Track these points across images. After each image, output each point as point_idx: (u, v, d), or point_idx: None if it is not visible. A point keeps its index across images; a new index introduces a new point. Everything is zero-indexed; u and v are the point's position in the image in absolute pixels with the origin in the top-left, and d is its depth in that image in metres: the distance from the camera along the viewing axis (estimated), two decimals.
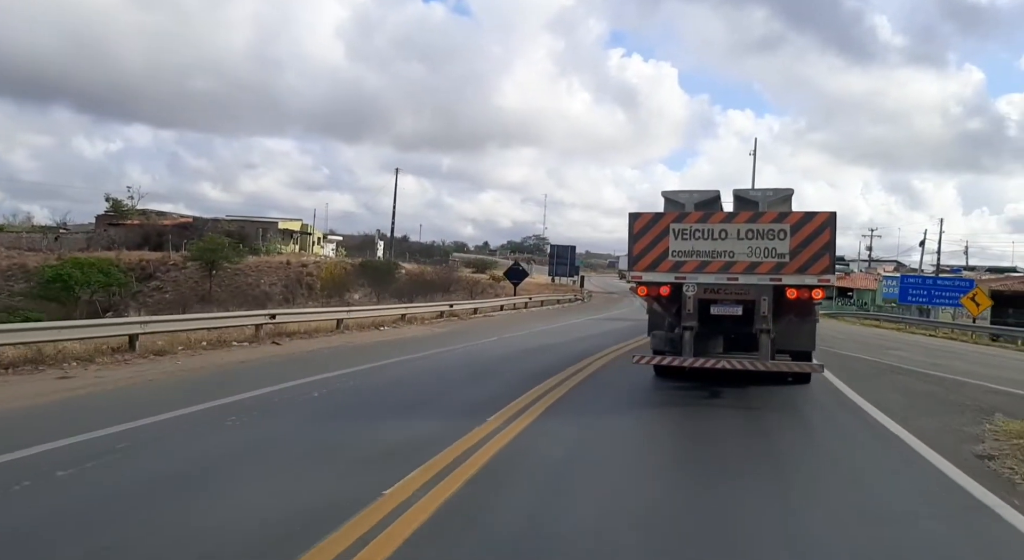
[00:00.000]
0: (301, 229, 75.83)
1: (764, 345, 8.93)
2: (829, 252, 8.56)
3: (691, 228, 8.95)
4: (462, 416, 7.37)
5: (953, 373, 14.36)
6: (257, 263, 54.76)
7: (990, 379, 13.54)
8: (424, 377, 11.04)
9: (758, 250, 8.69)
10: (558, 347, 16.34)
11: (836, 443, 7.52)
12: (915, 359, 17.29)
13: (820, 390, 10.80)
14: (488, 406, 7.96)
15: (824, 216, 8.62)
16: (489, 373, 11.25)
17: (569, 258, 61.26)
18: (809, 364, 9.80)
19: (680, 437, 7.56)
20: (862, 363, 15.63)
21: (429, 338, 17.56)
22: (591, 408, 8.65)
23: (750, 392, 9.97)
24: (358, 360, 12.21)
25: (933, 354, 19.89)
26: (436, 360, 13.19)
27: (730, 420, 8.27)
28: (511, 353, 14.51)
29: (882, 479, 6.08)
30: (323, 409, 7.98)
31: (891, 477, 6.17)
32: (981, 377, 13.83)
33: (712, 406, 9.18)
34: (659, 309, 9.93)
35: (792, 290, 8.63)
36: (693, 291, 8.92)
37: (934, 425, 8.28)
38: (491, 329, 20.83)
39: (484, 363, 12.74)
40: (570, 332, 21.33)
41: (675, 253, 8.96)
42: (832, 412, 9.18)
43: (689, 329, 9.04)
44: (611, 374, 11.81)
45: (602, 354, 14.78)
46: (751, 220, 8.85)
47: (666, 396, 9.85)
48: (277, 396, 8.46)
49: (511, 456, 5.97)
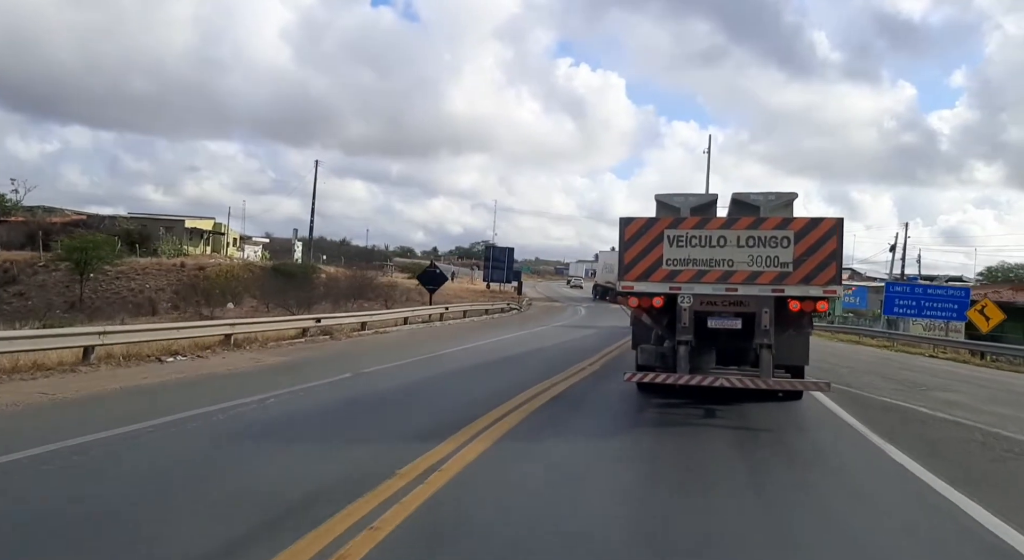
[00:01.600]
0: (213, 229, 68.03)
1: (765, 361, 8.35)
2: (835, 261, 8.12)
3: (687, 234, 8.49)
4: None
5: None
6: (146, 265, 47.22)
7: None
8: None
9: (759, 259, 8.26)
10: (436, 396, 9.99)
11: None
12: (1002, 414, 11.26)
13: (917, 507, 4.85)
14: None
15: (830, 222, 8.17)
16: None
17: (507, 261, 54.52)
18: (815, 382, 8.93)
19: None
20: (929, 423, 9.63)
21: (212, 383, 10.89)
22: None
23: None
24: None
25: (996, 393, 14.05)
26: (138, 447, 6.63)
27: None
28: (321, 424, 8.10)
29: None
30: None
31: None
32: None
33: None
34: (649, 321, 9.36)
35: (795, 302, 8.15)
36: (689, 303, 8.38)
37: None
38: (359, 357, 14.42)
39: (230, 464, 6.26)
40: (479, 362, 14.97)
41: (670, 261, 8.51)
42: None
43: (685, 344, 8.49)
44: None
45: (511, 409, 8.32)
46: (752, 226, 8.38)
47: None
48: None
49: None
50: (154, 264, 47.87)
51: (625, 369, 10.10)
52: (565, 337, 22.66)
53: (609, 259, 57.79)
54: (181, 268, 47.44)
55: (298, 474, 5.52)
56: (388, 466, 5.60)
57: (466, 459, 6.07)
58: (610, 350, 18.04)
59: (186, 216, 65.93)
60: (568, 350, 17.78)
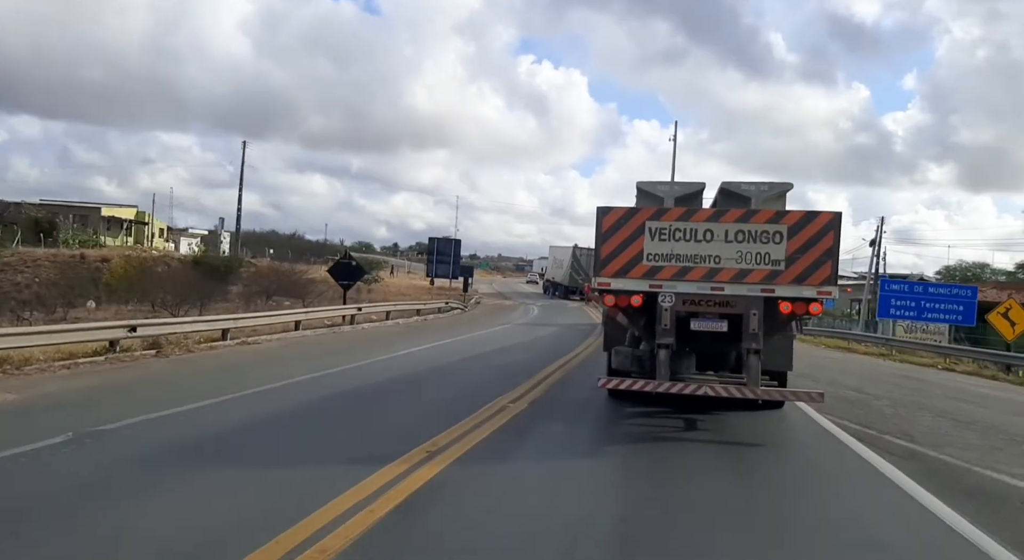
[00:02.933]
0: (136, 218, 61.80)
1: (753, 368, 7.74)
2: (831, 260, 7.53)
3: (670, 227, 7.82)
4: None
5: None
6: (39, 257, 41.22)
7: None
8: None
9: (749, 255, 7.65)
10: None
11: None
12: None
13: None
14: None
15: (827, 217, 7.60)
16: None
17: (452, 254, 48.87)
18: (807, 392, 8.25)
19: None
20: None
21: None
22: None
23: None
24: None
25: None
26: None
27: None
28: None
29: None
30: None
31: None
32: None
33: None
34: (625, 322, 8.92)
35: (786, 303, 7.56)
36: (671, 302, 7.80)
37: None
38: (144, 396, 9.27)
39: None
40: (314, 405, 9.97)
41: (650, 256, 7.86)
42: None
43: (665, 347, 7.89)
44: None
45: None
46: (742, 219, 7.73)
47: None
48: None
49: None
50: (50, 256, 41.92)
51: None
52: (508, 342, 17.76)
53: (559, 255, 56.87)
54: (81, 260, 41.55)
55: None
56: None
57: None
58: (556, 367, 13.22)
59: (104, 203, 59.62)
60: (501, 371, 12.88)
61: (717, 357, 8.91)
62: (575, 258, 49.09)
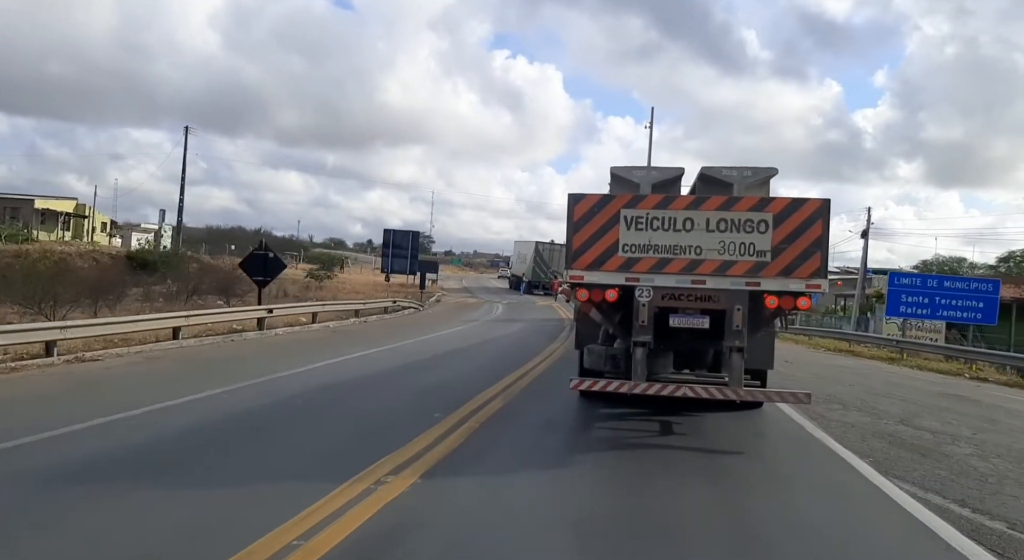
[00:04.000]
0: (75, 212, 57.19)
1: (736, 368, 7.24)
2: (820, 250, 7.01)
3: (647, 215, 7.27)
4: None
5: None
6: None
7: None
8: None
9: (732, 246, 7.12)
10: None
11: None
12: None
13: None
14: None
15: (815, 204, 7.09)
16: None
17: (410, 248, 44.26)
18: (792, 393, 7.61)
19: None
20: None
21: None
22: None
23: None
24: None
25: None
26: None
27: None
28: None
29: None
30: None
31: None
32: None
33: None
34: (599, 318, 8.25)
35: (772, 298, 7.02)
36: (648, 297, 7.26)
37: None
38: None
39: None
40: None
41: (626, 247, 7.30)
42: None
43: (642, 345, 7.36)
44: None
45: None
46: (724, 207, 7.20)
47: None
48: None
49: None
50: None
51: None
52: (453, 348, 14.07)
53: (523, 249, 56.17)
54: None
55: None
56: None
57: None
58: (501, 389, 9.61)
59: (38, 196, 54.94)
60: (422, 397, 9.30)
61: (695, 355, 8.57)
62: (538, 253, 49.43)
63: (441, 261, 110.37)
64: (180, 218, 46.33)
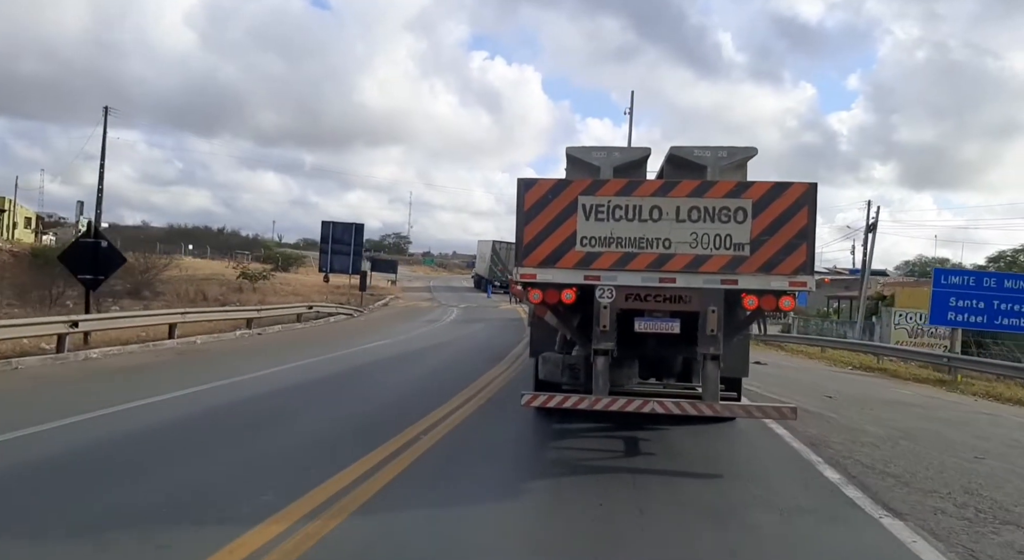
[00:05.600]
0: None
1: (711, 378, 6.47)
2: (806, 242, 6.17)
3: (609, 203, 6.43)
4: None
5: None
6: None
7: None
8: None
9: (706, 238, 6.29)
10: None
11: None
12: None
13: None
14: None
15: (801, 188, 6.22)
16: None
17: (353, 243, 37.62)
18: (776, 407, 6.76)
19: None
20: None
21: None
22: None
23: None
24: None
25: None
26: None
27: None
28: None
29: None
30: None
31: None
32: None
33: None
34: (555, 322, 7.44)
35: (751, 297, 6.21)
36: (610, 298, 6.37)
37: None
38: None
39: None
40: None
41: (585, 241, 6.43)
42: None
43: (604, 354, 6.51)
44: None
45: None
46: (696, 192, 6.38)
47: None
48: None
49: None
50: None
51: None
52: (347, 375, 10.82)
53: (483, 249, 54.85)
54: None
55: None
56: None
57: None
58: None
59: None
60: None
61: (664, 363, 7.70)
62: (495, 252, 48.68)
63: (414, 261, 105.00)
64: (99, 212, 40.70)
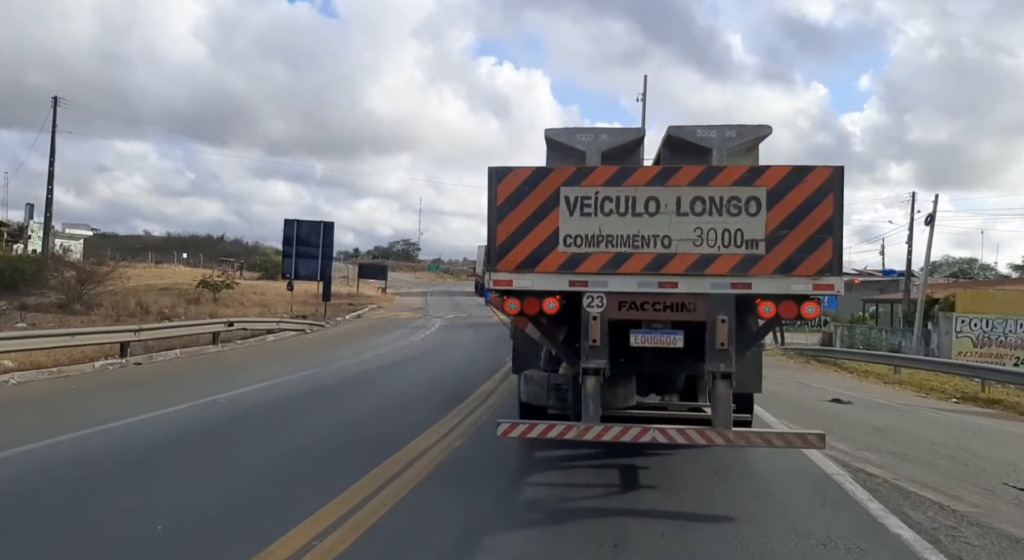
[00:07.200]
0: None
1: (722, 400, 5.47)
2: (832, 237, 5.25)
3: (597, 194, 5.49)
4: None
5: None
6: None
7: None
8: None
9: (712, 234, 5.37)
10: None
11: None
12: None
13: None
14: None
15: (824, 173, 5.32)
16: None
17: (321, 246, 32.18)
18: (801, 435, 5.59)
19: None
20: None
21: None
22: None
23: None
24: None
25: None
26: None
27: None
28: None
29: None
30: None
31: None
32: None
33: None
34: (538, 335, 6.06)
35: (768, 303, 5.33)
36: (601, 307, 5.48)
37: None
38: None
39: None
40: None
41: (569, 240, 5.50)
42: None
43: (594, 373, 5.55)
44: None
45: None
46: (700, 180, 5.43)
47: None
48: None
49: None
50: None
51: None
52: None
53: (481, 252, 51.24)
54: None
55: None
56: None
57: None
58: None
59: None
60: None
61: (664, 380, 6.91)
62: (486, 255, 44.99)
63: (422, 268, 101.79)
64: (48, 215, 37.59)
